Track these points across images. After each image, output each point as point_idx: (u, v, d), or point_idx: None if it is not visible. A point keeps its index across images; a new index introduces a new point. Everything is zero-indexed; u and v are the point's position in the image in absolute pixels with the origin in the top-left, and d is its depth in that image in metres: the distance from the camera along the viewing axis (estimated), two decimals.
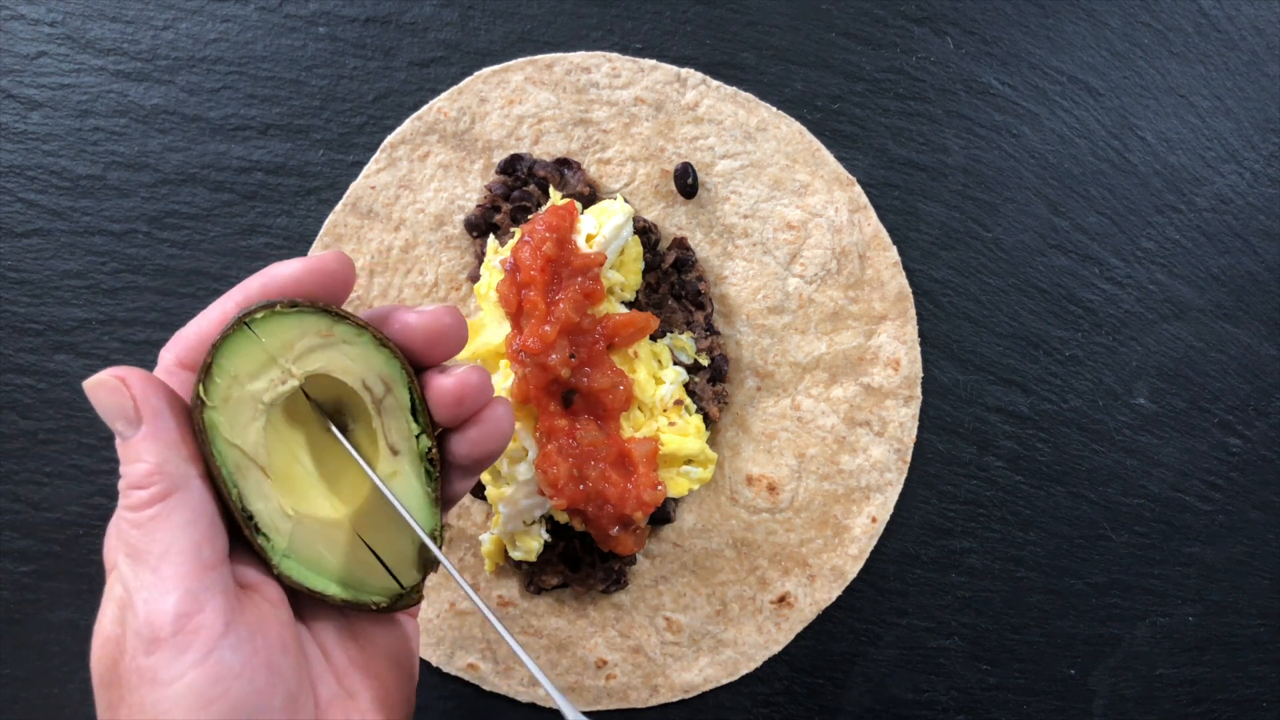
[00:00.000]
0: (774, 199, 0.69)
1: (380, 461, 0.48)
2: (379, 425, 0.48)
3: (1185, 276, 0.72)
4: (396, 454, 0.48)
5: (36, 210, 0.70)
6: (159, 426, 0.42)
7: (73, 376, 0.70)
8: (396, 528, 0.48)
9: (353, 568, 0.48)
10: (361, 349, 0.46)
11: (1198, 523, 0.72)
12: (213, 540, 0.42)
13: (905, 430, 0.70)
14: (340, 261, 0.46)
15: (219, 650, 0.40)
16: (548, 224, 0.61)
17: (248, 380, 0.45)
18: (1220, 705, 0.72)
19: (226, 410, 0.44)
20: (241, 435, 0.45)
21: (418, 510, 0.49)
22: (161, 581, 0.40)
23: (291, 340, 0.45)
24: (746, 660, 0.70)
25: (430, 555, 0.49)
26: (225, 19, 0.71)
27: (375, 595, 0.48)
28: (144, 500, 0.42)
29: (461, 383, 0.47)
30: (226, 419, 0.44)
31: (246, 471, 0.45)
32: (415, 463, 0.48)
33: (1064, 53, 0.72)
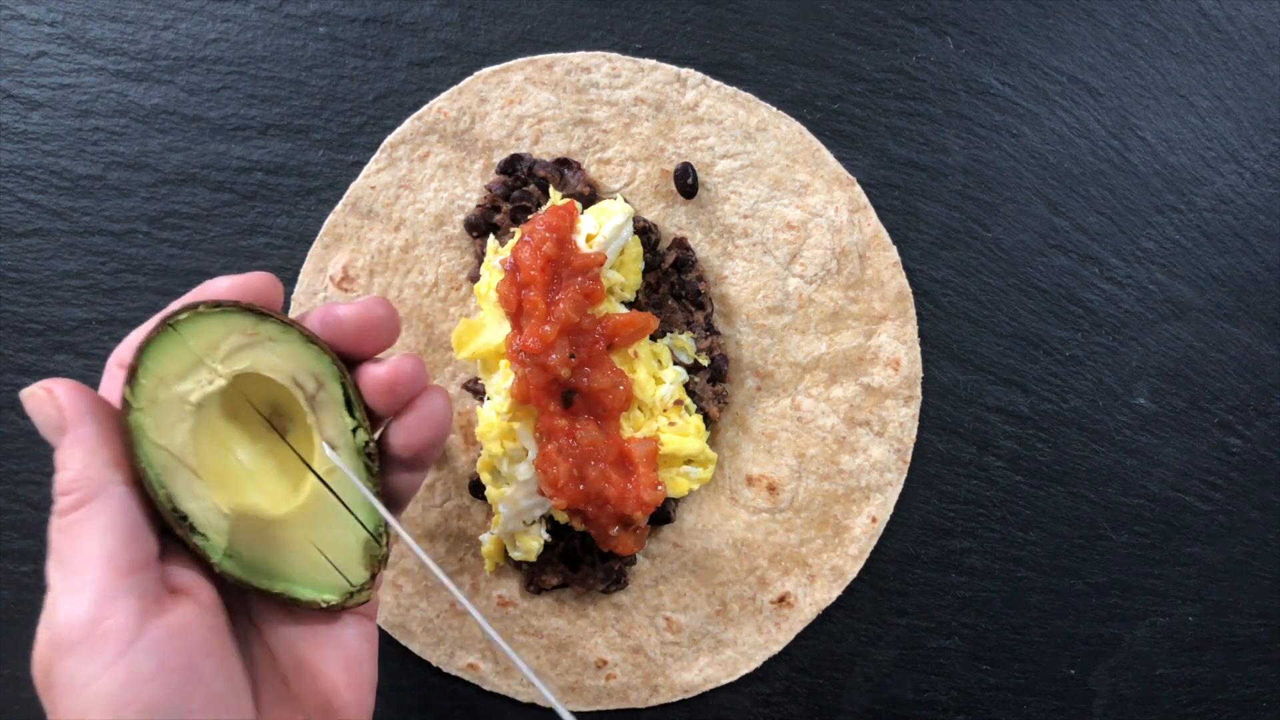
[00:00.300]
0: (774, 199, 0.69)
1: (317, 458, 0.48)
2: (313, 421, 0.47)
3: (1185, 276, 0.72)
4: (334, 449, 0.48)
5: (36, 210, 0.70)
6: (79, 434, 0.43)
7: (72, 376, 0.70)
8: (341, 525, 0.48)
9: (299, 565, 0.48)
10: (289, 346, 0.46)
11: (1198, 523, 0.72)
12: (131, 545, 0.42)
13: (905, 430, 0.70)
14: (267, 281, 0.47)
15: (130, 654, 0.40)
16: (548, 224, 0.61)
17: (174, 381, 0.45)
18: (1220, 705, 0.72)
19: (153, 412, 0.44)
20: (169, 436, 0.45)
21: (359, 507, 0.49)
22: (77, 586, 0.41)
23: (217, 340, 0.45)
24: (746, 660, 0.70)
25: (377, 553, 0.49)
26: (225, 19, 0.71)
27: (325, 593, 0.48)
28: (66, 506, 0.42)
29: (394, 370, 0.48)
30: (153, 420, 0.44)
31: (175, 473, 0.45)
32: (353, 458, 0.48)
33: (1064, 53, 0.72)
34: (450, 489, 0.69)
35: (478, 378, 0.68)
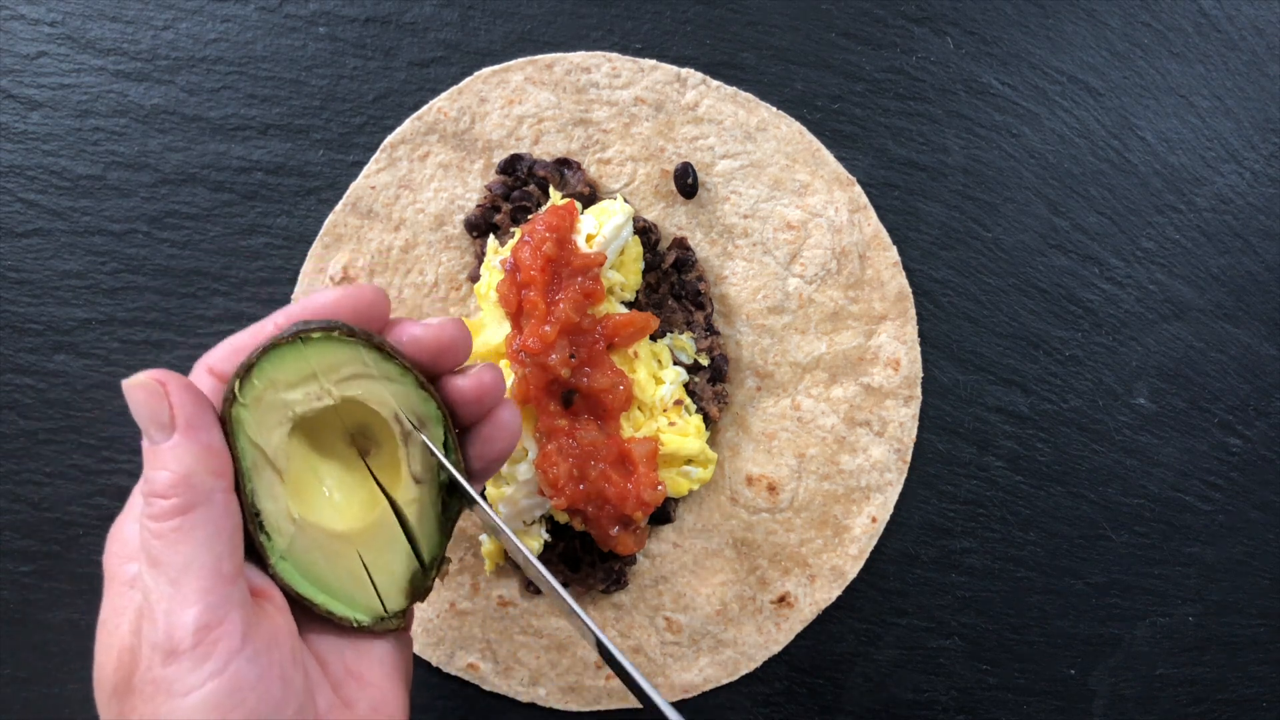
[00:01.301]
0: (774, 199, 0.69)
1: (401, 488, 0.49)
2: (403, 455, 0.49)
3: (1185, 276, 0.72)
4: (419, 483, 0.50)
5: (36, 210, 0.70)
6: (191, 437, 0.42)
7: (73, 376, 0.70)
8: (395, 552, 0.50)
9: (344, 582, 0.49)
10: (402, 388, 0.48)
11: (1198, 523, 0.72)
12: (233, 554, 0.43)
13: (905, 430, 0.70)
14: (377, 295, 0.48)
15: (236, 662, 0.40)
16: (548, 224, 0.61)
17: (284, 388, 0.46)
18: (1220, 705, 0.72)
19: (256, 410, 0.45)
20: (265, 436, 0.46)
21: (425, 538, 0.50)
22: (182, 594, 0.41)
23: (338, 364, 0.47)
24: (746, 660, 0.70)
25: (420, 584, 0.51)
26: (225, 19, 0.71)
27: (359, 613, 0.49)
28: (166, 510, 0.42)
29: (478, 381, 0.49)
30: (254, 418, 0.45)
31: (262, 471, 0.46)
32: (435, 494, 0.50)
33: (1064, 53, 0.72)
34: None
35: None
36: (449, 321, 0.49)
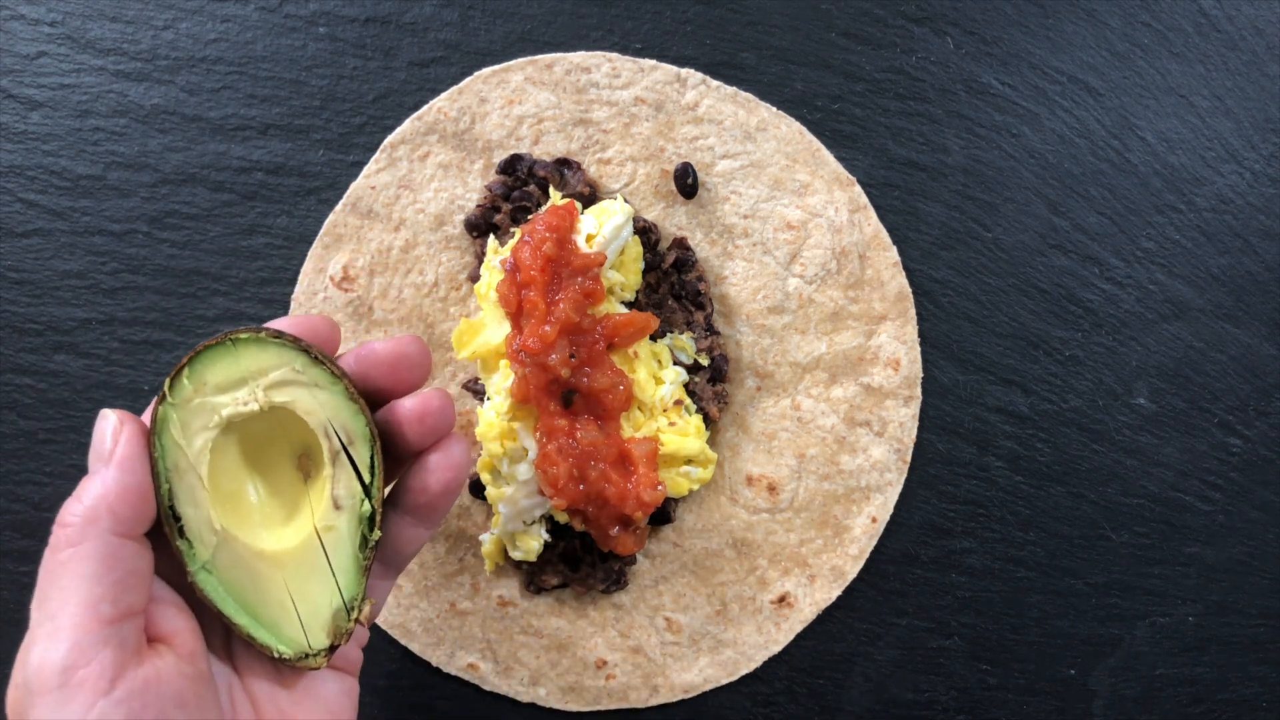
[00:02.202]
0: (774, 199, 0.69)
1: (320, 513, 0.48)
2: (328, 474, 0.48)
3: (1185, 276, 0.72)
4: (339, 509, 0.48)
5: (36, 210, 0.70)
6: (108, 475, 0.43)
7: (72, 376, 0.70)
8: (320, 584, 0.48)
9: (270, 608, 0.47)
10: (332, 396, 0.47)
11: (1198, 523, 0.72)
12: (118, 597, 0.41)
13: (905, 430, 0.70)
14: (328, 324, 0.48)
15: (101, 704, 0.39)
16: (548, 224, 0.61)
17: (214, 391, 0.46)
18: (1220, 705, 0.72)
19: (184, 411, 0.45)
20: (189, 439, 0.45)
21: (343, 573, 0.48)
22: (55, 630, 0.40)
23: (267, 368, 0.46)
24: (746, 660, 0.70)
25: (344, 625, 0.48)
26: (225, 19, 0.71)
27: (282, 644, 0.47)
28: (60, 541, 0.42)
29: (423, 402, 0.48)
30: (180, 419, 0.45)
31: (183, 474, 0.45)
32: (354, 524, 0.48)
33: (1064, 53, 0.72)
34: None
35: (478, 378, 0.68)
36: (407, 337, 0.49)
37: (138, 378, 0.70)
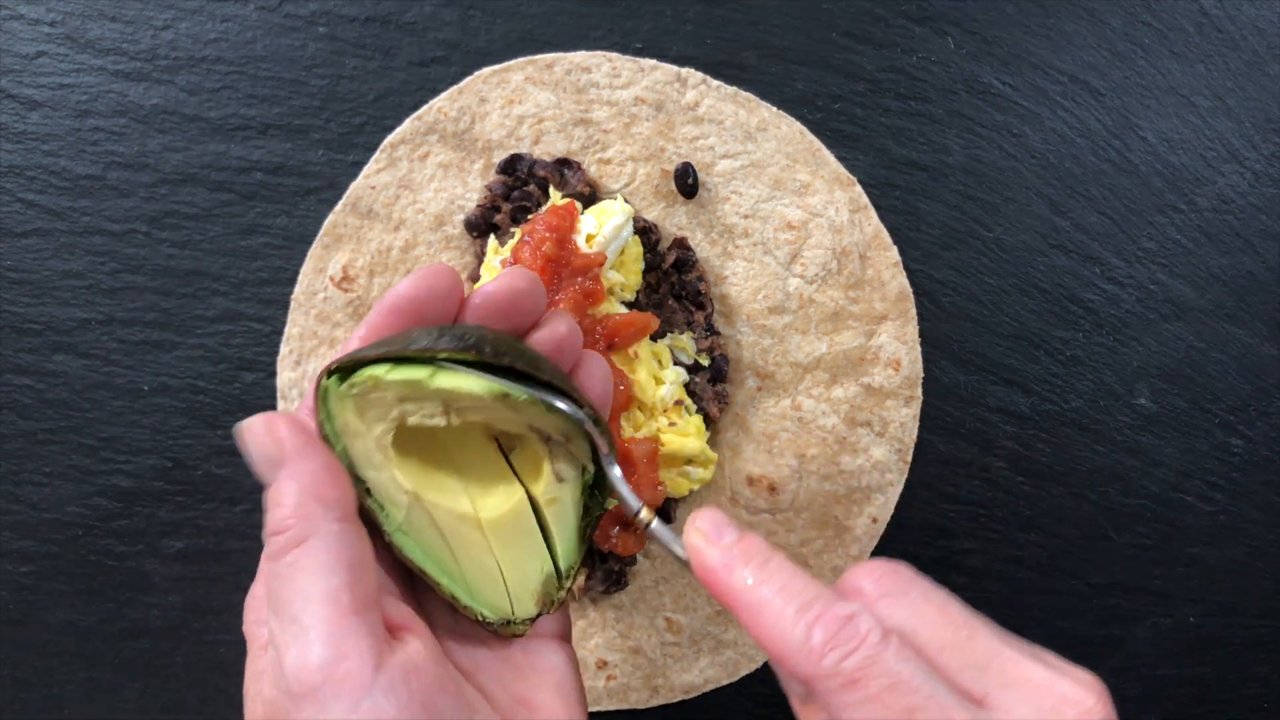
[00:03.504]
0: (774, 199, 0.69)
1: (542, 485, 0.45)
2: (545, 451, 0.45)
3: (1186, 276, 0.72)
4: (562, 481, 0.45)
5: (36, 210, 0.70)
6: (297, 469, 0.41)
7: (72, 376, 0.70)
8: (530, 552, 0.45)
9: (472, 572, 0.45)
10: (534, 411, 0.43)
11: (1199, 523, 0.72)
12: (354, 585, 0.40)
13: (906, 430, 0.70)
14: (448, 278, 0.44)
15: (371, 696, 0.38)
16: (548, 224, 0.61)
17: (395, 401, 0.42)
18: (1221, 705, 0.72)
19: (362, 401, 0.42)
20: (369, 425, 0.43)
21: (563, 542, 0.46)
22: (304, 632, 0.39)
23: (463, 394, 0.42)
24: (747, 661, 0.70)
25: (554, 595, 0.46)
26: (225, 19, 0.71)
27: (485, 608, 0.45)
28: (280, 546, 0.40)
29: (551, 333, 0.46)
30: (356, 407, 0.42)
31: (358, 438, 0.43)
32: (578, 495, 0.46)
33: (1065, 52, 0.72)
34: None
35: None
36: (516, 272, 0.45)
37: (137, 378, 0.70)
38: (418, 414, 0.42)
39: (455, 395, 0.42)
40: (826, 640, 0.41)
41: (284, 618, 0.39)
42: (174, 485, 0.70)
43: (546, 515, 0.45)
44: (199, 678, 0.70)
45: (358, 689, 0.38)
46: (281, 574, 0.40)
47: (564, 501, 0.46)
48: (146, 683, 0.70)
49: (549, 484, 0.45)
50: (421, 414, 0.42)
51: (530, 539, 0.45)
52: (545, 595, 0.46)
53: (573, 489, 0.46)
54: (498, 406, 0.42)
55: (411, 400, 0.42)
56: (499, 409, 0.43)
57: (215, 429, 0.70)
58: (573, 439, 0.45)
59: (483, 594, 0.45)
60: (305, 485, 0.41)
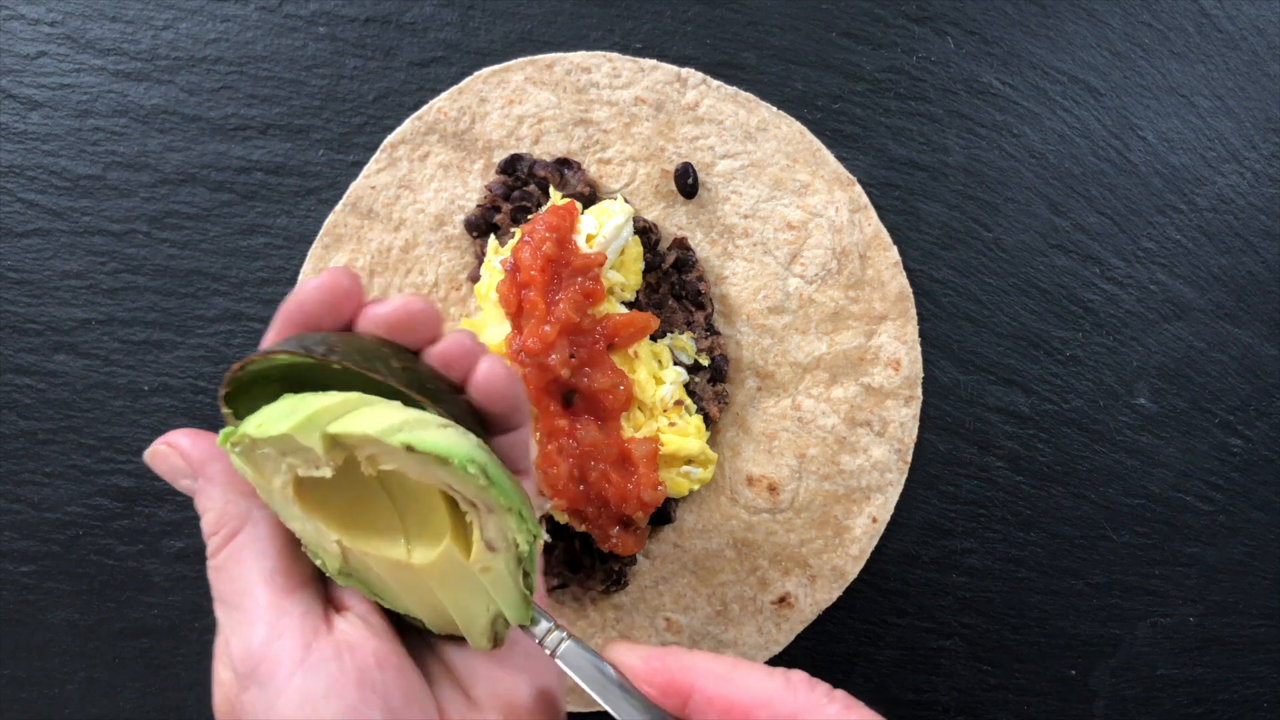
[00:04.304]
0: (774, 199, 0.69)
1: (474, 551, 0.42)
2: (474, 519, 0.42)
3: (1186, 276, 0.72)
4: (493, 550, 0.42)
5: (36, 210, 0.70)
6: (210, 472, 0.43)
7: (72, 376, 0.70)
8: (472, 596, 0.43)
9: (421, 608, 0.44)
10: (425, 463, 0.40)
11: (1199, 523, 0.72)
12: (288, 566, 0.42)
13: (906, 430, 0.70)
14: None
15: (300, 674, 0.39)
16: (548, 224, 0.61)
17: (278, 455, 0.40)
18: (1221, 705, 0.72)
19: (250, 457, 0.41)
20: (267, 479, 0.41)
21: (509, 606, 0.44)
22: (246, 615, 0.40)
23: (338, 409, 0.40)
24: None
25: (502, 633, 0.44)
26: (225, 19, 0.71)
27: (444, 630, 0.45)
28: (216, 546, 0.42)
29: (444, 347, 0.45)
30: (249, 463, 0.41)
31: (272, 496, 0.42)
32: (513, 563, 0.43)
33: (1065, 52, 0.72)
34: None
35: None
36: (411, 296, 0.44)
37: (137, 378, 0.70)
38: (303, 466, 0.40)
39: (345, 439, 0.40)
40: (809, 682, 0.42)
41: (229, 604, 0.41)
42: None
43: (482, 580, 0.43)
44: (199, 678, 0.70)
45: (290, 667, 0.39)
46: (222, 566, 0.42)
47: (498, 570, 0.42)
48: (146, 683, 0.70)
49: (481, 553, 0.42)
50: (305, 466, 0.40)
51: (470, 581, 0.43)
52: (495, 632, 0.44)
53: (506, 558, 0.42)
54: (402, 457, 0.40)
55: (293, 453, 0.40)
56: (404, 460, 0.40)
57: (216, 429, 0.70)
58: (493, 506, 0.41)
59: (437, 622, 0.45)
60: (224, 484, 0.43)
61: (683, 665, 0.43)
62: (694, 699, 0.43)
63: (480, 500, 0.41)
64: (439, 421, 0.41)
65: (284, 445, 0.40)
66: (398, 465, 0.40)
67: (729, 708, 0.42)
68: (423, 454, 0.39)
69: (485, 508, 0.41)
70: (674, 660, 0.44)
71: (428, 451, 0.39)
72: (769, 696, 0.42)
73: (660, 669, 0.44)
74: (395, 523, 0.43)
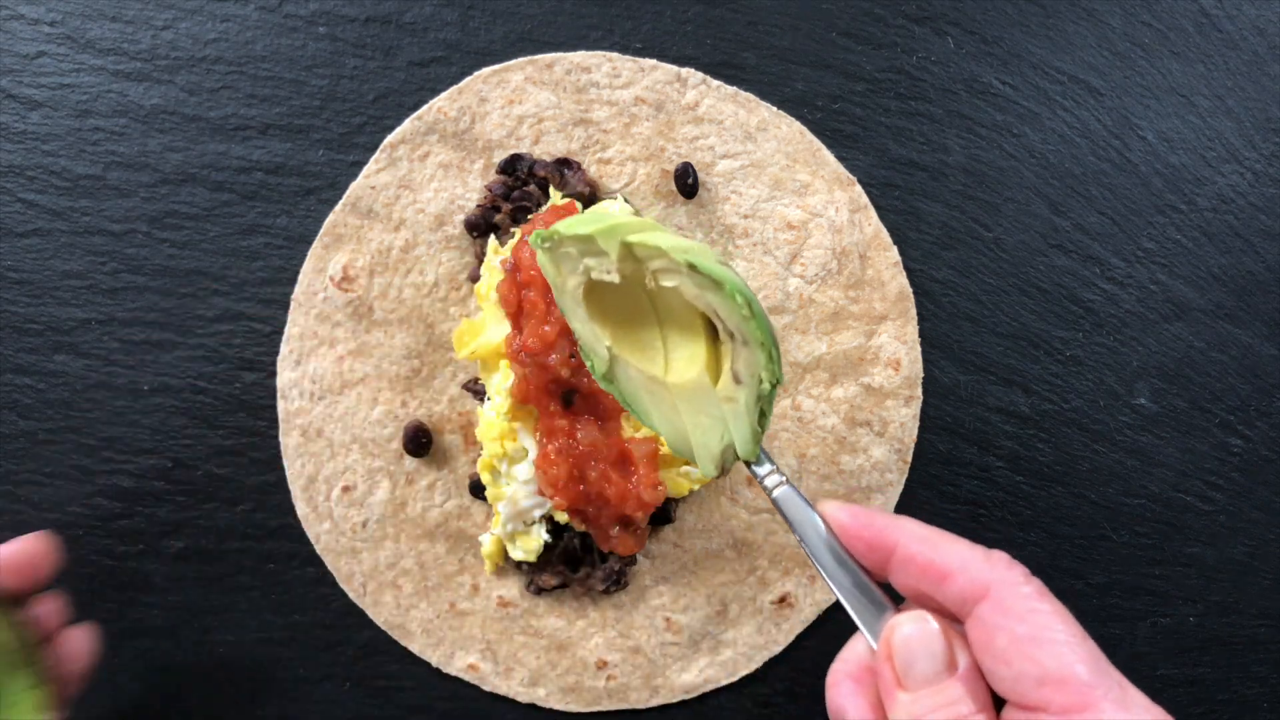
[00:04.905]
0: (774, 199, 0.69)
1: (722, 381, 0.48)
2: (728, 349, 0.48)
3: (1186, 276, 0.72)
4: (739, 383, 0.48)
5: (36, 210, 0.70)
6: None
7: (72, 376, 0.70)
8: (711, 419, 0.49)
9: (663, 425, 0.49)
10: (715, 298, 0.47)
11: (1199, 523, 0.72)
12: None
13: (906, 430, 0.70)
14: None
15: None
16: (548, 224, 0.61)
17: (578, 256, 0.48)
18: (1221, 705, 0.72)
19: (554, 254, 0.49)
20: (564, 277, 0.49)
21: (741, 440, 0.49)
22: None
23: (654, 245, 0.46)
24: (746, 661, 0.70)
25: (730, 463, 0.49)
26: (225, 19, 0.71)
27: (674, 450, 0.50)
28: None
29: None
30: (551, 259, 0.49)
31: (564, 293, 0.49)
32: (752, 400, 0.48)
33: (1065, 52, 0.72)
34: (450, 489, 0.69)
35: (478, 378, 0.68)
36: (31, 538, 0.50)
37: (137, 378, 0.70)
38: (597, 269, 0.47)
39: (640, 248, 0.46)
40: (1010, 560, 0.43)
41: None
42: (174, 485, 0.70)
43: (724, 409, 0.48)
44: (199, 678, 0.70)
45: None
46: None
47: (739, 403, 0.48)
48: (147, 682, 0.70)
49: (727, 382, 0.48)
50: (600, 269, 0.47)
51: (713, 408, 0.48)
52: (724, 461, 0.49)
53: (748, 393, 0.47)
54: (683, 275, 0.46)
55: (592, 255, 0.46)
56: (684, 279, 0.46)
57: (215, 429, 0.70)
58: (748, 339, 0.46)
59: (676, 443, 0.50)
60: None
61: (889, 524, 0.46)
62: (896, 557, 0.45)
63: (739, 330, 0.46)
64: (718, 256, 0.48)
65: (586, 247, 0.47)
66: (678, 283, 0.46)
67: (928, 567, 0.44)
68: (702, 275, 0.45)
69: (741, 339, 0.46)
70: (881, 520, 0.46)
71: (707, 273, 0.45)
72: (966, 563, 0.43)
73: (867, 524, 0.46)
74: (659, 342, 0.49)
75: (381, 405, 0.69)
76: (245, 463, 0.70)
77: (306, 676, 0.70)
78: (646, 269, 0.47)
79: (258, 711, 0.70)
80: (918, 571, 0.44)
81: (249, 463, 0.70)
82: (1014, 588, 0.42)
